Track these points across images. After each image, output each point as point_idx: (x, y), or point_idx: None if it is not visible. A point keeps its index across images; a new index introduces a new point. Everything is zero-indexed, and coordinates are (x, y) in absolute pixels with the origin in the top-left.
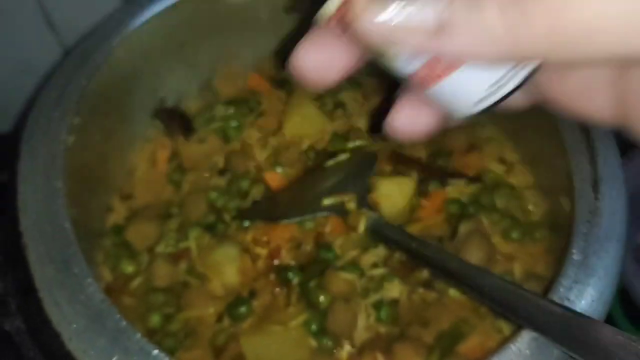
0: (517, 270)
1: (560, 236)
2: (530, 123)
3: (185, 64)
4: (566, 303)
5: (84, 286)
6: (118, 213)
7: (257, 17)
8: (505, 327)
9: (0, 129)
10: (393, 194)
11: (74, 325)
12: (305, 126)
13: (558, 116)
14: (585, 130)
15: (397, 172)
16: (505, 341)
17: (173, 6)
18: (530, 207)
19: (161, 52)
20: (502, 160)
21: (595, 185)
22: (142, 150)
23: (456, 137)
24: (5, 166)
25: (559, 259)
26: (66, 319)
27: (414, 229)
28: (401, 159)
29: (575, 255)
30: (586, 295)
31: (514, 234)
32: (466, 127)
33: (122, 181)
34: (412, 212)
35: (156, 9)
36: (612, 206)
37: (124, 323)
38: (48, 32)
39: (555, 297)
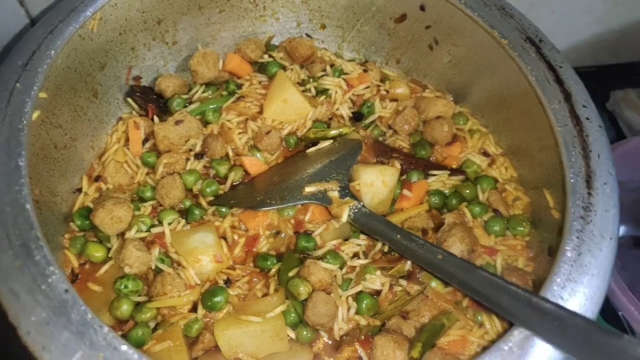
0: (498, 263)
1: (542, 231)
2: (516, 115)
3: (162, 42)
4: (559, 301)
5: (46, 274)
6: (86, 195)
7: None
8: (487, 321)
9: None
10: (375, 183)
11: (33, 318)
12: (287, 112)
13: (548, 108)
14: (578, 123)
15: (379, 162)
16: (494, 339)
17: None
18: (512, 201)
19: (137, 27)
20: (484, 153)
21: (589, 181)
22: (114, 130)
23: (439, 129)
24: None
25: (537, 253)
26: (25, 310)
27: (396, 219)
28: (384, 148)
29: (569, 252)
30: (579, 294)
31: (496, 227)
32: (449, 118)
33: (92, 162)
34: (394, 203)
35: None
36: (606, 203)
37: (89, 315)
38: (15, 3)
39: (548, 295)
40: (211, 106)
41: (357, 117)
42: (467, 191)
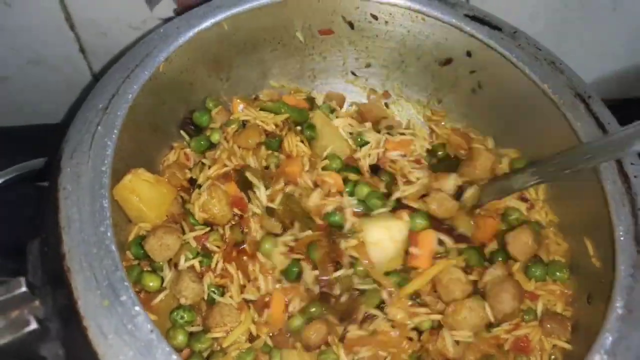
0: (539, 308)
1: (580, 277)
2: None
3: (217, 78)
4: (611, 358)
5: (132, 314)
6: (139, 226)
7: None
8: None
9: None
10: (383, 241)
11: (121, 357)
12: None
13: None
14: (626, 180)
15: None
16: None
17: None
18: (552, 247)
19: (197, 65)
20: (523, 198)
21: (638, 239)
22: (165, 159)
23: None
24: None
25: (575, 299)
26: (113, 350)
27: (417, 285)
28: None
29: (620, 309)
30: (630, 352)
31: (537, 272)
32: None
33: None
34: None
35: (199, 26)
36: None
37: (174, 356)
38: (67, 28)
39: (602, 351)
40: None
41: (374, 169)
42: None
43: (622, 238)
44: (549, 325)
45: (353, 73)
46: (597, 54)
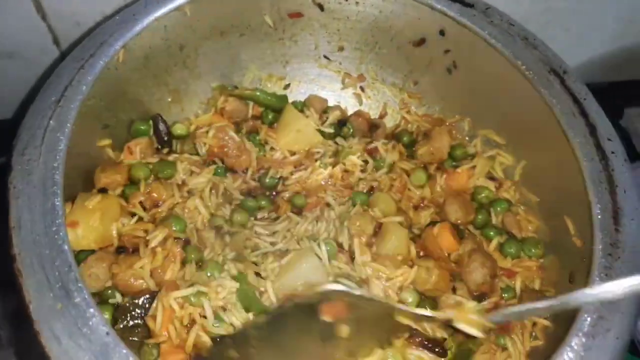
0: (518, 285)
1: (562, 256)
2: (536, 143)
3: (184, 66)
4: (589, 340)
5: (87, 317)
6: None
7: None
8: (510, 344)
9: None
10: None
11: None
12: (300, 141)
13: (574, 142)
14: (604, 157)
15: None
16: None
17: (176, 9)
18: (524, 224)
19: (160, 54)
20: (491, 178)
21: (616, 217)
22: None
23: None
24: None
25: (557, 279)
26: (67, 355)
27: None
28: None
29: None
30: (610, 333)
31: (511, 249)
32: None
33: None
34: None
35: (157, 12)
36: (634, 239)
37: (131, 358)
38: (38, 19)
39: (580, 333)
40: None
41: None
42: (480, 217)
43: (599, 216)
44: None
45: (326, 57)
46: (582, 38)
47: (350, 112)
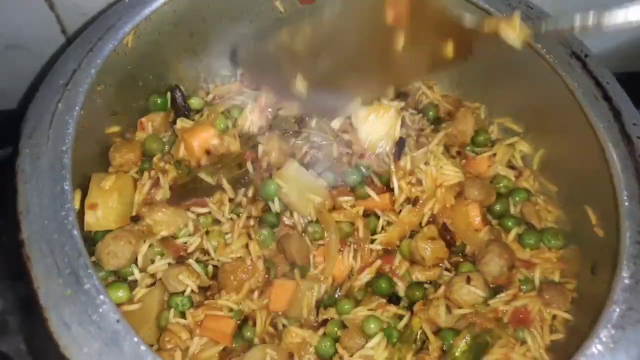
0: (537, 277)
1: (583, 247)
2: (558, 129)
3: (193, 53)
4: (619, 332)
5: (97, 304)
6: None
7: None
8: (529, 337)
9: None
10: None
11: (85, 350)
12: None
13: (597, 127)
14: (630, 143)
15: None
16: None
17: None
18: (543, 214)
19: (170, 40)
20: (511, 167)
21: None
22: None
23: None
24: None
25: (579, 270)
26: (77, 342)
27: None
28: None
29: (627, 279)
30: None
31: (530, 240)
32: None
33: None
34: None
35: None
36: None
37: (143, 347)
38: (46, 9)
39: (609, 325)
40: None
41: None
42: (498, 207)
43: (626, 203)
44: (547, 296)
45: None
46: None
47: None
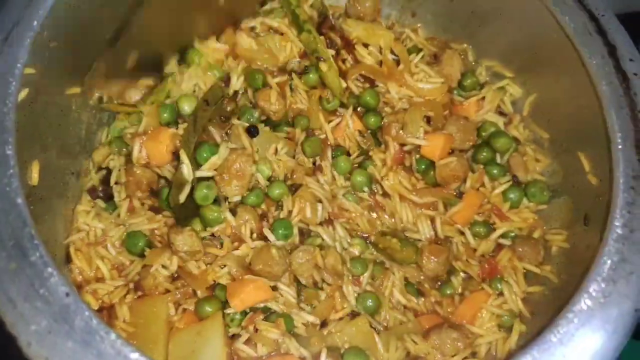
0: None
1: (575, 197)
2: (548, 70)
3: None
4: (610, 285)
5: (44, 277)
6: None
7: None
8: (505, 288)
9: None
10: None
11: (33, 327)
12: None
13: (589, 63)
14: (625, 80)
15: None
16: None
17: None
18: (531, 165)
19: None
20: (500, 112)
21: (639, 146)
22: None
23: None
24: None
25: (571, 222)
26: (23, 319)
27: None
28: None
29: (620, 229)
30: (633, 276)
31: (512, 195)
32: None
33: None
34: None
35: None
36: None
37: (94, 321)
38: None
39: (598, 278)
40: None
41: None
42: (484, 153)
43: (620, 146)
44: (520, 249)
45: None
46: None
47: None
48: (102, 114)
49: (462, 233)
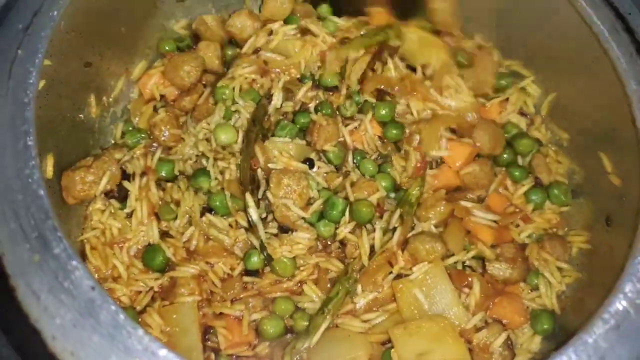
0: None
1: (597, 198)
2: (572, 69)
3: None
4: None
5: (69, 270)
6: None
7: None
8: (541, 283)
9: None
10: None
11: (58, 320)
12: None
13: (617, 62)
14: None
15: None
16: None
17: None
18: (553, 166)
19: None
20: (522, 113)
21: None
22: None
23: None
24: None
25: (592, 222)
26: (47, 312)
27: None
28: None
29: None
30: None
31: (534, 196)
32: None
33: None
34: None
35: None
36: None
37: (122, 316)
38: None
39: (634, 278)
40: None
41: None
42: (505, 155)
43: None
44: (548, 245)
45: None
46: None
47: None
48: (116, 107)
49: None
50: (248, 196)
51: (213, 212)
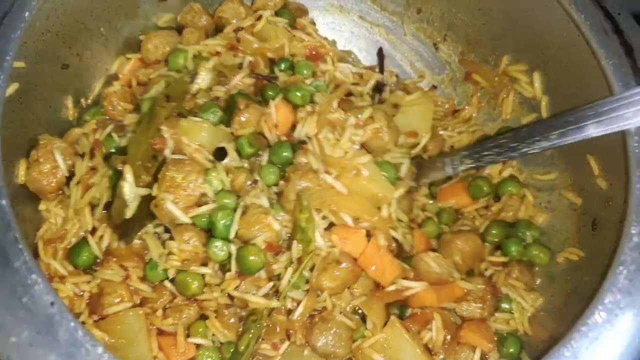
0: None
1: (584, 201)
2: (559, 71)
3: None
4: (626, 297)
5: (28, 284)
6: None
7: None
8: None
9: None
10: None
11: (13, 339)
12: None
13: (606, 63)
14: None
15: None
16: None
17: None
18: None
19: None
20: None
21: None
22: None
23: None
24: None
25: (579, 227)
26: (3, 330)
27: None
28: None
29: (636, 236)
30: None
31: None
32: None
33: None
34: None
35: None
36: None
37: (80, 332)
38: None
39: (614, 289)
40: None
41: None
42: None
43: (637, 150)
44: (515, 272)
45: None
46: None
47: None
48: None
49: None
50: (127, 168)
51: None
